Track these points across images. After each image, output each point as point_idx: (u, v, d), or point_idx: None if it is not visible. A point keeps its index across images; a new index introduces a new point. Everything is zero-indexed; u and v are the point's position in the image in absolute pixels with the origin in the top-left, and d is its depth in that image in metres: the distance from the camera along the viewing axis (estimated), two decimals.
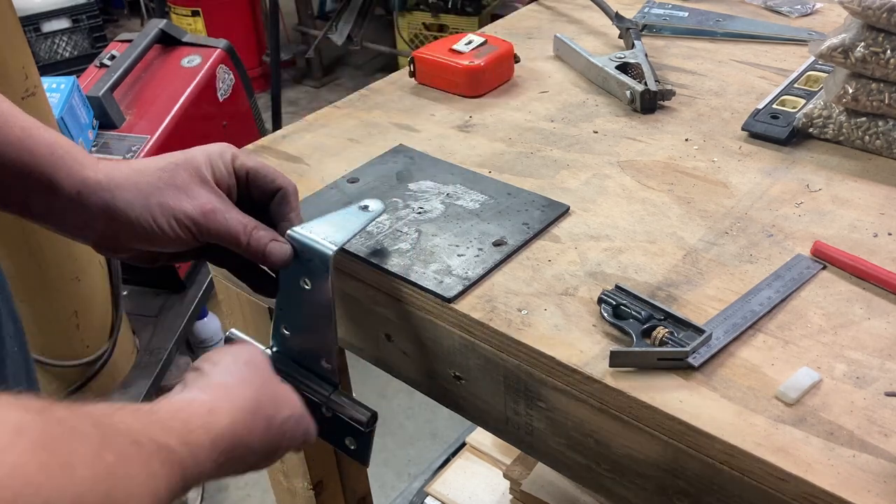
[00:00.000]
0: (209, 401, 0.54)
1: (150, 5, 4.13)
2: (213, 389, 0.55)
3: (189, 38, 1.99)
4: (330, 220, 0.64)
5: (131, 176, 0.62)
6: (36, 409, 0.37)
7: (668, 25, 1.11)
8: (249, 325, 0.90)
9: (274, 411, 0.58)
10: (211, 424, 0.51)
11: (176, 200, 0.61)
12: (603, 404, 0.56)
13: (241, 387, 0.56)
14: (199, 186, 0.62)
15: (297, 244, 0.63)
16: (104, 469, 0.38)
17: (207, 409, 0.53)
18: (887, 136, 0.78)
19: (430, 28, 3.70)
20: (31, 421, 0.36)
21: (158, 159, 0.63)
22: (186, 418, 0.50)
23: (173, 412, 0.50)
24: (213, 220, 0.62)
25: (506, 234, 0.70)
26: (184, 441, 0.48)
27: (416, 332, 0.68)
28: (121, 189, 0.61)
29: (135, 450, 0.42)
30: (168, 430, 0.47)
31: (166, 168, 0.62)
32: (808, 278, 0.63)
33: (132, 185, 0.61)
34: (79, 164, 0.61)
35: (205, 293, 1.94)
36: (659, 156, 0.82)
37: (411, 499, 1.50)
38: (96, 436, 0.40)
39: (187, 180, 0.62)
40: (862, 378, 0.54)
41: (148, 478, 0.42)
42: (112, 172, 0.61)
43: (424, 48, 1.01)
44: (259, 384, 0.58)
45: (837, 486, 0.47)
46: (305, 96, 4.11)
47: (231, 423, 0.53)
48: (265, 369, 0.60)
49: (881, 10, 0.72)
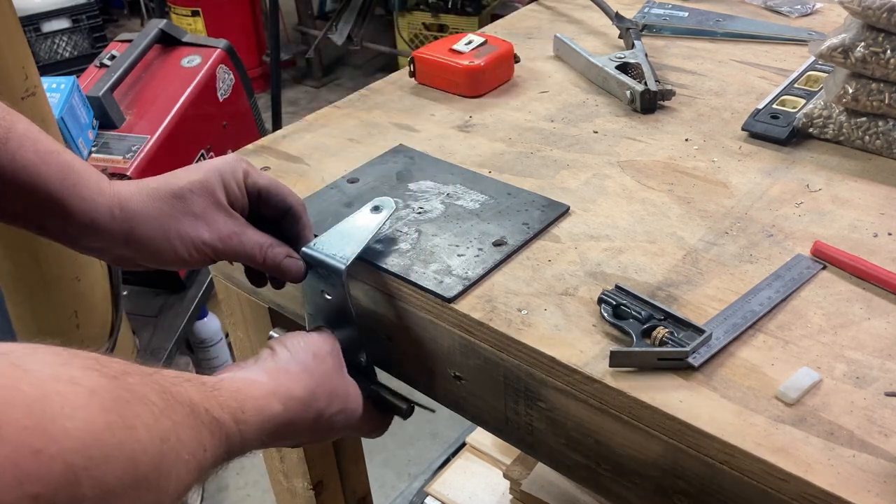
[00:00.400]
0: (269, 385, 0.58)
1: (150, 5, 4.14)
2: (277, 375, 0.60)
3: (189, 38, 1.99)
4: (342, 231, 0.68)
5: (147, 205, 0.62)
6: (112, 375, 0.42)
7: (668, 25, 1.11)
8: (249, 325, 0.90)
9: (326, 405, 0.63)
10: (263, 409, 0.56)
11: (194, 229, 0.63)
12: (603, 404, 0.56)
13: (302, 377, 0.61)
14: (215, 212, 0.64)
15: (311, 260, 0.67)
16: (160, 433, 0.43)
17: (264, 393, 0.57)
18: (887, 136, 0.78)
19: (430, 28, 3.70)
20: (105, 385, 0.41)
21: (172, 181, 0.64)
22: (243, 399, 0.55)
23: (233, 391, 0.55)
24: (231, 245, 0.65)
25: (506, 234, 0.70)
26: (236, 419, 0.53)
27: (416, 332, 0.68)
28: (138, 220, 0.62)
29: (191, 419, 0.47)
30: (224, 407, 0.52)
31: (181, 195, 0.63)
32: (808, 278, 0.63)
33: (149, 216, 0.62)
34: (92, 193, 0.61)
35: (205, 293, 1.94)
36: (659, 156, 0.82)
37: (411, 499, 1.50)
38: (160, 402, 0.44)
39: (203, 207, 0.63)
40: (862, 378, 0.54)
41: (197, 445, 0.47)
42: (128, 201, 0.62)
43: (424, 48, 1.01)
44: (319, 377, 0.63)
45: (837, 486, 0.47)
46: (305, 96, 4.11)
47: (283, 410, 0.58)
48: (330, 362, 0.65)
49: (881, 10, 0.72)
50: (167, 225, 0.63)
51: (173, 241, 0.63)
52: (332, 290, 0.68)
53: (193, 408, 0.48)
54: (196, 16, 3.71)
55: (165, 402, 0.45)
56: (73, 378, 0.39)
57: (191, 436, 0.46)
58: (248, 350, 0.94)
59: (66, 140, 1.58)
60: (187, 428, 0.46)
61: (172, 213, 0.63)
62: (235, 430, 0.53)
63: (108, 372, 0.42)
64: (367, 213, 0.69)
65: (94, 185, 0.61)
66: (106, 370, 0.42)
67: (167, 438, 0.43)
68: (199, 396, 0.50)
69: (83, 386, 0.39)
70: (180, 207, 0.63)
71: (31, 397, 0.36)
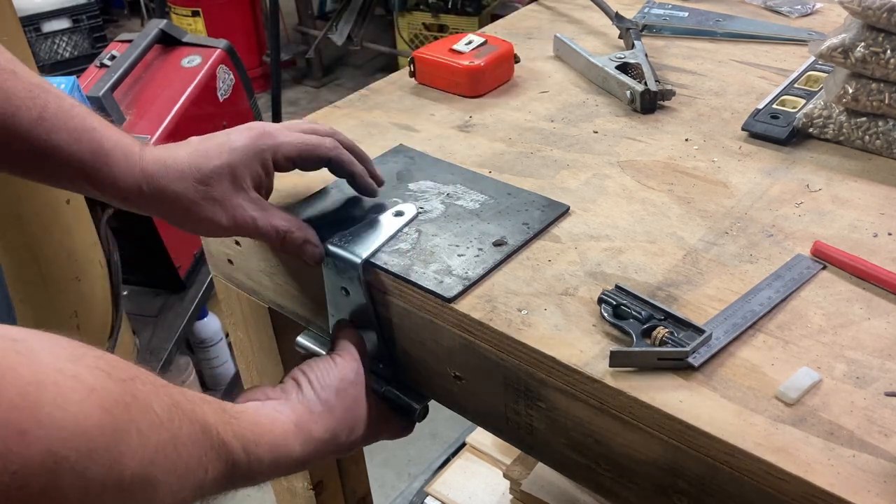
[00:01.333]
0: (291, 425, 0.60)
1: (150, 5, 4.14)
2: (301, 414, 0.62)
3: (189, 38, 1.99)
4: (364, 230, 0.71)
5: (172, 185, 0.65)
6: (120, 378, 0.43)
7: (668, 25, 1.11)
8: (249, 325, 0.90)
9: (346, 438, 0.66)
10: (280, 447, 0.58)
11: (213, 214, 0.65)
12: (603, 404, 0.56)
13: (324, 417, 0.63)
14: (236, 196, 0.66)
15: (331, 254, 0.69)
16: (155, 443, 0.44)
17: (284, 432, 0.59)
18: (887, 136, 0.78)
19: (430, 28, 3.70)
20: (109, 386, 0.42)
21: (200, 162, 0.65)
22: (261, 433, 0.56)
23: (253, 424, 0.57)
24: (247, 230, 0.67)
25: (506, 234, 0.70)
26: (247, 450, 0.54)
27: (416, 332, 0.68)
28: (163, 197, 0.65)
29: (198, 438, 0.48)
30: (237, 436, 0.53)
31: (204, 180, 0.65)
32: (808, 278, 0.63)
33: (173, 196, 0.65)
34: (122, 170, 0.64)
35: (205, 293, 1.94)
36: (659, 156, 0.82)
37: (411, 499, 1.50)
38: (164, 414, 0.45)
39: (224, 192, 0.65)
40: (862, 378, 0.54)
41: (198, 464, 0.48)
42: (155, 179, 0.64)
43: (424, 48, 1.01)
44: (341, 413, 0.65)
45: (837, 486, 0.47)
46: (305, 96, 4.11)
47: (301, 452, 0.60)
48: (352, 393, 0.67)
49: (881, 10, 0.72)
50: (188, 206, 0.65)
51: (194, 221, 0.66)
52: (351, 285, 0.69)
53: (205, 428, 0.49)
54: (196, 16, 3.71)
55: (171, 415, 0.46)
56: (77, 373, 0.40)
57: (192, 453, 0.47)
58: (248, 350, 0.94)
59: None
60: (190, 445, 0.47)
61: (194, 197, 0.65)
62: (244, 461, 0.54)
63: (117, 374, 0.43)
64: (389, 216, 0.72)
65: (123, 162, 0.64)
66: (115, 373, 0.43)
67: (161, 449, 0.44)
68: (215, 419, 0.51)
69: (84, 382, 0.40)
70: (203, 192, 0.65)
71: (27, 381, 0.37)
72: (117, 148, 0.64)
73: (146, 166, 0.65)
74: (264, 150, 0.67)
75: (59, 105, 0.63)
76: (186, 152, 0.66)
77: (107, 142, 0.64)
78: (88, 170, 0.63)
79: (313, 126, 0.72)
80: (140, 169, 0.64)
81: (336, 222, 0.72)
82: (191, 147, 0.66)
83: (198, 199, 0.65)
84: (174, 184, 0.64)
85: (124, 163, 0.64)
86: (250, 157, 0.66)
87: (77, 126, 0.63)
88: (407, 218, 0.72)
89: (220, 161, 0.65)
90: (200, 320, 2.04)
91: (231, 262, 0.84)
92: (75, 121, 0.63)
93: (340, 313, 0.73)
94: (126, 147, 0.65)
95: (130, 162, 0.64)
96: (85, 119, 0.64)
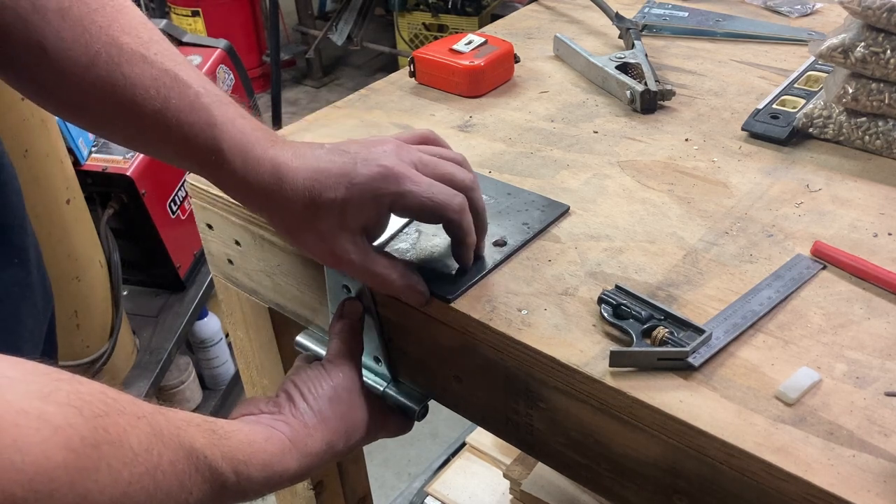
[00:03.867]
0: (286, 442, 0.60)
1: (150, 5, 4.13)
2: (297, 429, 0.61)
3: (189, 38, 1.99)
4: None
5: (284, 200, 0.61)
6: (93, 414, 0.42)
7: (668, 25, 1.11)
8: (250, 325, 0.90)
9: (344, 444, 0.65)
10: (274, 465, 0.58)
11: (314, 245, 0.63)
12: (603, 404, 0.56)
13: (318, 429, 0.63)
14: (340, 235, 0.61)
15: None
16: (129, 476, 0.43)
17: (280, 450, 0.59)
18: (887, 136, 0.78)
19: (430, 28, 3.70)
20: (77, 423, 0.41)
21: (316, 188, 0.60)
22: (253, 452, 0.56)
23: (245, 444, 0.56)
24: (346, 269, 0.65)
25: (506, 234, 0.70)
26: (237, 471, 0.54)
27: (416, 332, 0.68)
28: (268, 214, 0.64)
29: (181, 463, 0.48)
30: (226, 457, 0.53)
31: (314, 210, 0.61)
32: (808, 278, 0.63)
33: (283, 209, 0.62)
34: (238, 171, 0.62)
35: (205, 293, 1.94)
36: (659, 156, 0.82)
37: (411, 499, 1.50)
38: (138, 447, 0.44)
39: (329, 228, 0.61)
40: (862, 378, 0.54)
41: (180, 488, 0.48)
42: (266, 191, 0.61)
43: (424, 48, 1.01)
44: (335, 424, 0.64)
45: (837, 485, 0.47)
46: (305, 96, 4.11)
47: (297, 467, 0.60)
48: (346, 400, 0.66)
49: (881, 10, 0.72)
50: (290, 229, 0.64)
51: (296, 242, 0.65)
52: (353, 283, 0.69)
53: (190, 452, 0.49)
54: (196, 16, 3.71)
55: (150, 445, 0.45)
56: (42, 412, 0.40)
57: (173, 480, 0.47)
58: (248, 350, 0.94)
59: (66, 140, 1.58)
60: (170, 472, 0.47)
61: (301, 222, 0.62)
62: (234, 481, 0.53)
63: (89, 410, 0.42)
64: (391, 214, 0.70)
65: (240, 164, 0.61)
66: (87, 408, 0.42)
67: (137, 481, 0.44)
68: (203, 442, 0.51)
69: (50, 422, 0.40)
70: (310, 219, 0.61)
71: None
72: (234, 149, 0.61)
73: (261, 174, 0.61)
74: (384, 196, 0.60)
75: (183, 96, 0.61)
76: (306, 171, 0.61)
77: (225, 141, 0.61)
78: (204, 166, 0.62)
79: (454, 171, 0.64)
80: (255, 176, 0.61)
81: None
82: (313, 162, 0.61)
83: (301, 226, 0.62)
84: (282, 203, 0.61)
85: (241, 164, 0.61)
86: (367, 199, 0.60)
87: (197, 120, 0.61)
88: (407, 218, 0.72)
89: (335, 195, 0.60)
90: (200, 320, 2.04)
91: (231, 262, 0.84)
92: (196, 113, 0.61)
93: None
94: (244, 147, 0.62)
95: (247, 164, 0.61)
96: (207, 111, 0.61)
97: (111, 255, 1.69)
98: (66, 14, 0.58)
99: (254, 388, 0.98)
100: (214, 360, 2.12)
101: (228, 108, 0.63)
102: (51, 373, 0.42)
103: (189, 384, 2.01)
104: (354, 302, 0.70)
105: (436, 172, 0.62)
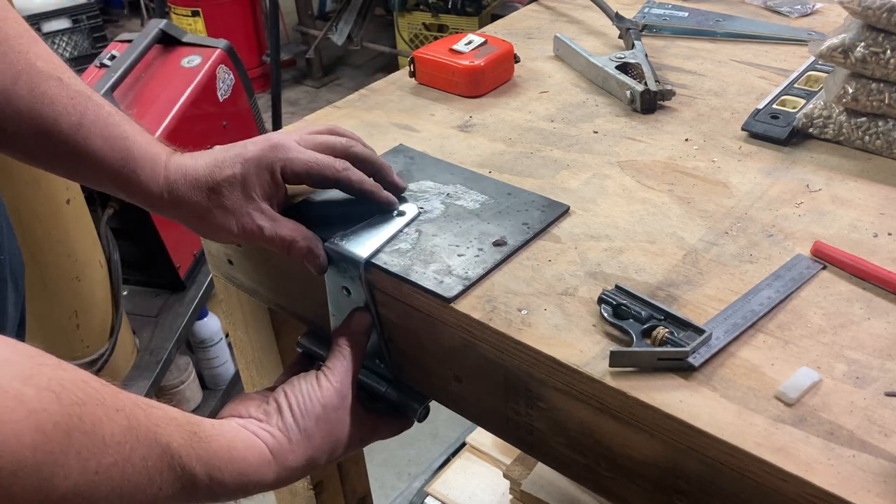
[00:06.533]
0: (267, 454, 0.61)
1: (150, 5, 4.14)
2: (280, 441, 0.62)
3: (189, 38, 1.98)
4: (365, 230, 0.71)
5: (188, 194, 0.68)
6: (70, 402, 0.44)
7: (668, 25, 1.11)
8: (249, 325, 0.90)
9: (326, 460, 0.66)
10: (250, 476, 0.59)
11: (225, 222, 0.68)
12: (603, 404, 0.56)
13: (301, 445, 0.63)
14: (246, 205, 0.68)
15: (333, 254, 0.69)
16: (96, 466, 0.45)
17: (260, 461, 0.60)
18: (887, 136, 0.78)
19: (430, 28, 3.70)
20: (53, 409, 0.42)
21: (215, 172, 0.68)
22: (230, 459, 0.57)
23: (224, 449, 0.57)
24: (255, 238, 0.69)
25: (506, 234, 0.70)
26: (210, 475, 0.55)
27: (416, 332, 0.68)
28: (181, 205, 0.69)
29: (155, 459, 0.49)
30: (201, 460, 0.54)
31: (217, 189, 0.68)
32: (808, 278, 0.63)
33: (189, 203, 0.68)
34: (147, 179, 0.68)
35: (205, 293, 1.94)
36: (659, 156, 0.82)
37: (411, 499, 1.50)
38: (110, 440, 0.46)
39: (235, 201, 0.68)
40: (862, 378, 0.54)
41: (148, 482, 0.49)
42: (175, 187, 0.68)
43: (424, 48, 1.01)
44: (320, 441, 0.65)
45: (837, 486, 0.47)
46: (305, 96, 4.11)
47: (275, 479, 0.61)
48: (334, 417, 0.66)
49: (881, 10, 0.72)
50: (202, 214, 0.69)
51: (207, 228, 0.70)
52: (353, 285, 0.70)
53: (165, 450, 0.51)
54: (196, 16, 3.71)
55: (124, 438, 0.47)
56: (19, 394, 0.41)
57: (142, 474, 0.49)
58: (248, 350, 0.94)
59: None
60: (140, 467, 0.48)
61: (208, 205, 0.68)
62: (206, 484, 0.55)
63: (66, 397, 0.44)
64: (390, 215, 0.72)
65: (149, 170, 0.68)
66: (65, 395, 0.43)
67: (105, 471, 0.45)
68: (181, 442, 0.53)
69: (26, 404, 0.41)
70: (215, 200, 0.68)
71: None
72: (146, 156, 0.68)
73: (169, 175, 0.68)
74: (274, 162, 0.69)
75: (98, 113, 0.67)
76: (205, 162, 0.69)
77: (137, 150, 0.68)
78: (118, 176, 0.68)
79: (330, 140, 0.73)
80: (164, 177, 0.68)
81: (338, 222, 0.72)
82: (210, 157, 0.69)
83: (211, 207, 0.68)
84: (190, 192, 0.68)
85: (150, 171, 0.68)
86: (261, 168, 0.68)
87: (111, 134, 0.67)
88: (408, 218, 0.72)
89: (232, 171, 0.68)
90: (200, 320, 2.04)
91: (231, 262, 0.84)
92: (110, 129, 0.67)
93: (341, 313, 0.72)
94: (154, 155, 0.69)
95: (156, 170, 0.68)
96: (120, 127, 0.68)
97: (111, 255, 1.69)
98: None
99: (254, 388, 0.98)
100: (214, 360, 2.12)
101: (134, 125, 0.70)
102: (35, 356, 0.44)
103: (189, 384, 2.01)
104: (364, 314, 0.71)
105: (315, 143, 0.71)
